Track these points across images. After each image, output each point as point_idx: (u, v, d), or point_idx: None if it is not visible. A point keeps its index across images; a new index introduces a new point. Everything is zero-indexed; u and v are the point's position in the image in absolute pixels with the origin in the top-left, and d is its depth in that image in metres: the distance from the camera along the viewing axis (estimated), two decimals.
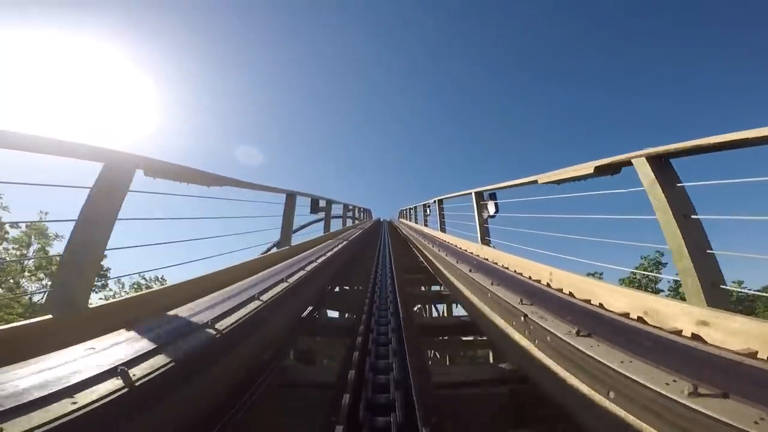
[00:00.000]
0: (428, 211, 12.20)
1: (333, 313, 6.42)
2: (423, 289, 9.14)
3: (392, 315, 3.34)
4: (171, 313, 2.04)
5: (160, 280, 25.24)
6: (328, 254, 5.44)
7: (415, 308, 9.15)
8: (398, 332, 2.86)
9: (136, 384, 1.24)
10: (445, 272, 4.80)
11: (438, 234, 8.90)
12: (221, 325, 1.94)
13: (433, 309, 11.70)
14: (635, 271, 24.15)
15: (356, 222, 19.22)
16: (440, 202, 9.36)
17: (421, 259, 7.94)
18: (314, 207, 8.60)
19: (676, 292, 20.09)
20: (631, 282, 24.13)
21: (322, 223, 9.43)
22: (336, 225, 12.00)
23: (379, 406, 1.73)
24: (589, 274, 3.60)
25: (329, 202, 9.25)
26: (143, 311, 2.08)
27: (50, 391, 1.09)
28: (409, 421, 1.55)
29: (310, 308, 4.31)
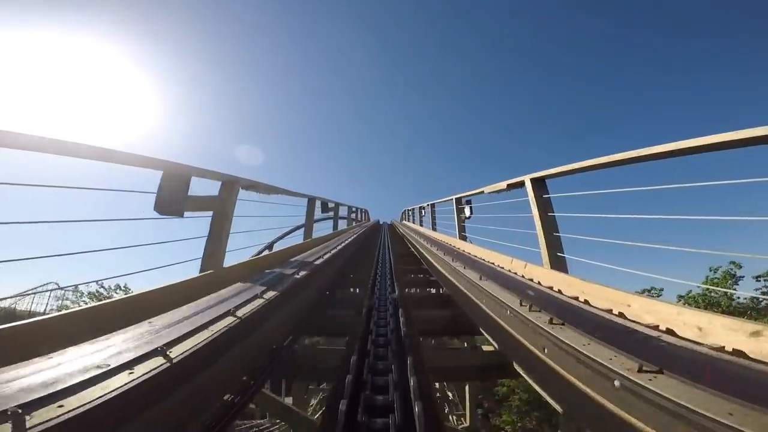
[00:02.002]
0: (467, 213, 6.38)
1: None
2: None
3: None
4: None
5: (123, 288, 19.71)
6: None
7: None
8: None
9: None
10: None
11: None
12: None
13: None
14: (705, 286, 18.94)
15: (353, 223, 13.50)
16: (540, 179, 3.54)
17: None
18: (164, 202, 2.72)
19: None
20: (704, 299, 19.29)
21: None
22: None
23: None
24: None
25: (247, 188, 3.39)
26: None
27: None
28: None
29: None
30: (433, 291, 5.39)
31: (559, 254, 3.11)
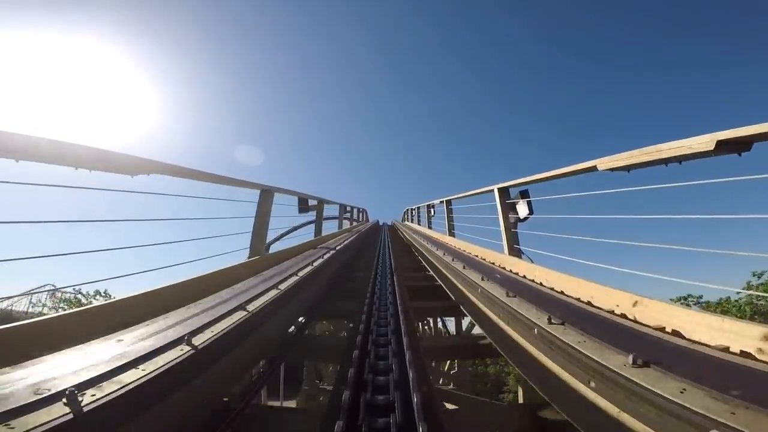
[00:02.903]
0: (523, 213, 3.81)
1: None
2: None
3: None
4: None
5: (104, 294, 17.16)
6: None
7: None
8: None
9: None
10: None
11: None
12: None
13: None
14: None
15: (349, 224, 11.04)
16: None
17: None
18: None
19: None
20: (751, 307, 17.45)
21: None
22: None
23: None
24: None
25: None
26: None
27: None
28: None
29: None
30: None
31: None
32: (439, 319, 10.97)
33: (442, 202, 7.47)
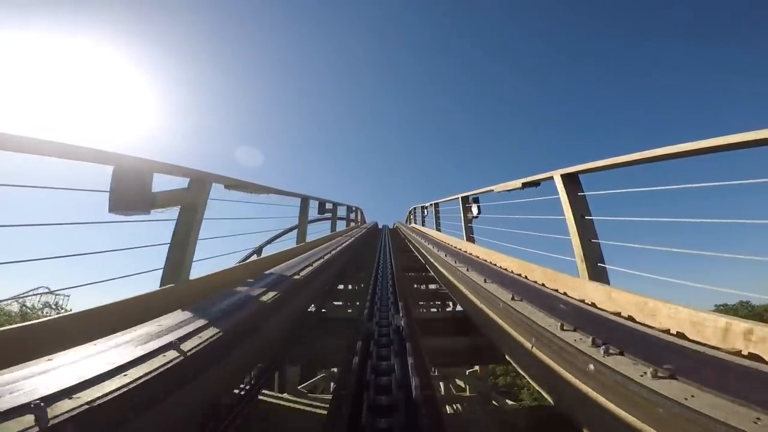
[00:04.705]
0: None
1: None
2: None
3: None
4: None
5: (54, 306, 14.32)
6: None
7: None
8: None
9: None
10: None
11: None
12: None
13: None
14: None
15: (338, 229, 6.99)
16: None
17: None
18: None
19: None
20: None
21: None
22: None
23: None
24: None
25: None
26: None
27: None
28: None
29: None
30: None
31: None
32: None
33: (531, 183, 3.43)
